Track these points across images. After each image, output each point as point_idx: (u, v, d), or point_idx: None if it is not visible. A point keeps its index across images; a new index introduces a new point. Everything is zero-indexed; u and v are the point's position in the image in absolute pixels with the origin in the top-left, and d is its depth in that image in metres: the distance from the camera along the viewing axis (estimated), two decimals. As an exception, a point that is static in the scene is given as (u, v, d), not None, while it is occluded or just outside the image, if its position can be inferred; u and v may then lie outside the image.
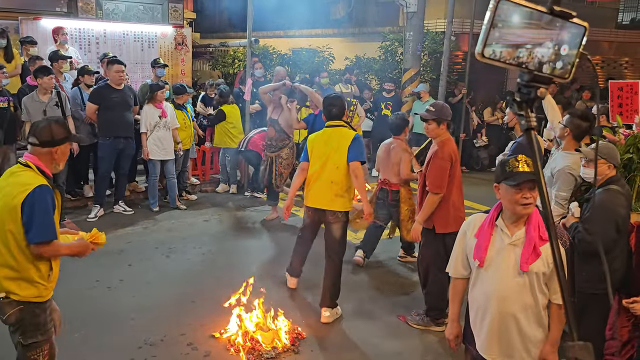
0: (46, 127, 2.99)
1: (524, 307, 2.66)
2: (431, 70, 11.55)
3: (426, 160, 4.60)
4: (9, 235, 2.81)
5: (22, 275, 2.86)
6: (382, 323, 4.75)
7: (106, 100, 7.02)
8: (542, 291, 2.64)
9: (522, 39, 1.13)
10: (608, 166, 3.60)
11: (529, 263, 2.60)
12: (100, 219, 7.15)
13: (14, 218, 2.80)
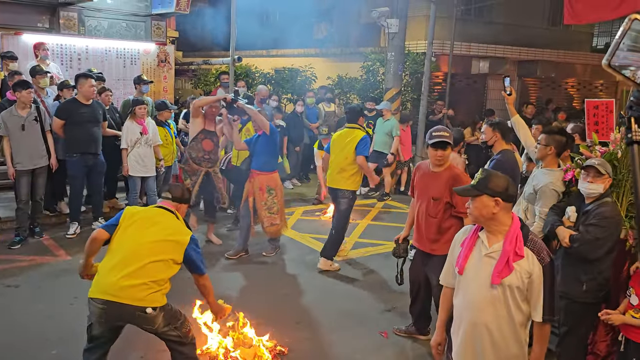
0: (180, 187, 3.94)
1: (497, 320, 2.68)
2: (412, 90, 11.71)
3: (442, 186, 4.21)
4: (170, 262, 3.52)
5: (162, 290, 3.53)
6: (364, 338, 4.74)
7: (73, 116, 6.90)
8: (518, 306, 2.65)
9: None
10: (608, 180, 3.72)
11: (501, 277, 2.63)
12: (79, 235, 7.05)
13: (179, 251, 3.54)
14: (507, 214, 2.70)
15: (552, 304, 2.59)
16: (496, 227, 2.70)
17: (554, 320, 2.66)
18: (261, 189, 6.35)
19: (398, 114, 10.43)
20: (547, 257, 2.60)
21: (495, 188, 2.68)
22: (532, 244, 2.63)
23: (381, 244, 7.38)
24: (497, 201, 2.66)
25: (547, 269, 2.59)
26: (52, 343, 4.38)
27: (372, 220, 8.64)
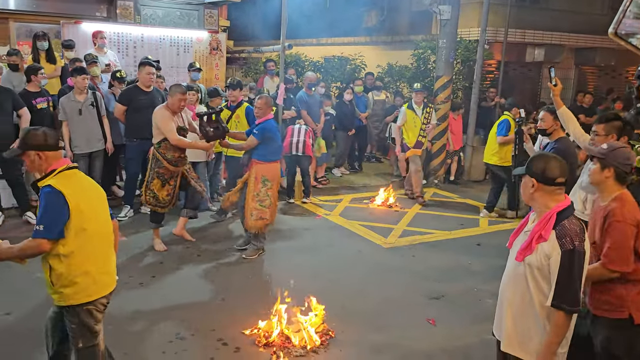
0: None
1: (517, 296, 2.75)
2: (464, 78, 11.46)
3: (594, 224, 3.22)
4: None
5: None
6: (411, 325, 4.71)
7: (134, 102, 7.09)
8: (539, 287, 2.65)
9: None
10: None
11: (524, 255, 2.71)
12: (131, 218, 7.26)
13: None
14: (547, 196, 2.69)
15: (564, 291, 2.54)
16: (537, 207, 2.74)
17: (566, 309, 2.55)
18: (256, 178, 5.94)
19: (449, 102, 10.24)
20: (569, 244, 2.54)
21: (534, 169, 2.71)
22: (560, 228, 2.60)
23: (429, 233, 7.29)
24: (534, 182, 2.70)
25: (565, 255, 2.54)
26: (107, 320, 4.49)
27: (421, 209, 8.53)
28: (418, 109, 8.63)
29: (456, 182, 10.36)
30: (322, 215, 7.85)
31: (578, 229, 2.61)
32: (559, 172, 2.68)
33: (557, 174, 2.68)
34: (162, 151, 5.84)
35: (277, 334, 4.28)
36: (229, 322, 4.55)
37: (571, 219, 2.64)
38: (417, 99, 8.68)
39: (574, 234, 2.57)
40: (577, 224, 2.63)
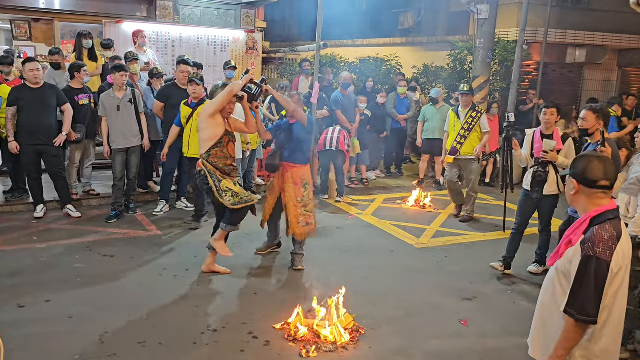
0: None
1: (545, 301, 2.68)
2: (501, 79, 11.30)
3: None
4: None
5: None
6: (443, 325, 4.67)
7: (171, 99, 7.24)
8: (565, 293, 2.51)
9: None
10: None
11: (554, 260, 2.63)
12: (167, 214, 7.40)
13: None
14: (588, 199, 2.55)
15: (575, 298, 2.42)
16: (580, 211, 2.62)
17: (575, 317, 2.42)
18: (296, 183, 5.58)
19: (485, 102, 10.11)
20: (590, 250, 2.39)
21: (575, 169, 2.59)
22: (589, 233, 2.46)
23: (462, 234, 7.21)
24: (574, 183, 2.57)
25: (584, 260, 2.41)
26: (143, 309, 4.63)
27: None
28: (462, 112, 7.79)
29: (491, 184, 10.21)
30: (355, 214, 7.84)
31: (607, 235, 2.42)
32: (602, 174, 2.50)
33: (599, 176, 2.50)
34: (212, 160, 5.08)
35: (307, 329, 4.30)
36: (260, 316, 4.59)
37: (605, 225, 2.46)
38: (463, 101, 7.81)
39: (598, 240, 2.41)
40: (609, 230, 2.44)
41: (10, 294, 4.78)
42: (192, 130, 6.64)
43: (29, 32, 11.85)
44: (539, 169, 5.54)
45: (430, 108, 9.67)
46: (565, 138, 5.55)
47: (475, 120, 7.62)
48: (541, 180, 5.55)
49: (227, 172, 5.16)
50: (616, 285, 2.45)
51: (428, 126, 9.60)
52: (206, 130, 5.07)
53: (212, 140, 5.06)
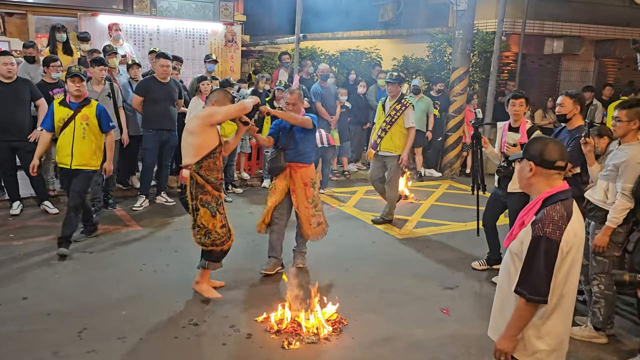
0: None
1: (503, 282, 2.67)
2: (481, 70, 11.34)
3: None
4: None
5: None
6: (425, 314, 4.68)
7: (151, 93, 7.14)
8: (517, 271, 2.53)
9: None
10: None
11: (509, 241, 2.65)
12: (147, 208, 7.31)
13: None
14: (544, 181, 2.55)
15: (526, 278, 2.43)
16: (532, 193, 2.61)
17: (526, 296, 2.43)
18: (306, 184, 5.33)
19: (465, 94, 10.14)
20: (539, 230, 2.41)
21: (532, 151, 2.57)
22: (540, 214, 2.47)
23: (444, 224, 7.25)
24: (531, 165, 2.55)
25: (534, 240, 2.42)
26: (122, 305, 4.57)
27: (436, 201, 8.49)
28: (388, 103, 6.97)
29: (472, 175, 10.25)
30: (336, 206, 7.83)
31: (558, 215, 2.43)
32: (559, 154, 2.52)
33: (556, 157, 2.52)
34: (203, 173, 4.46)
35: (288, 321, 4.27)
36: (241, 310, 4.55)
37: (555, 205, 2.46)
38: (389, 91, 7.01)
39: (548, 220, 2.42)
40: (559, 211, 2.44)
41: None
42: (75, 137, 5.54)
43: (3, 27, 11.59)
44: (503, 164, 5.26)
45: (410, 99, 9.66)
46: (532, 131, 5.26)
47: (399, 113, 6.84)
48: (502, 175, 5.27)
49: (217, 186, 4.56)
50: (567, 265, 2.46)
51: None
52: (200, 136, 4.41)
53: (206, 149, 4.43)
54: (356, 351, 4.04)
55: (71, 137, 5.54)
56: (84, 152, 5.60)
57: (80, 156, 5.58)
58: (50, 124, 5.61)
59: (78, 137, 5.55)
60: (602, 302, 4.32)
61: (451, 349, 4.14)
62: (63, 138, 5.57)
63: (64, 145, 5.59)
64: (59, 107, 5.59)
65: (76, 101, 5.60)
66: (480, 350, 4.08)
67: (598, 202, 4.31)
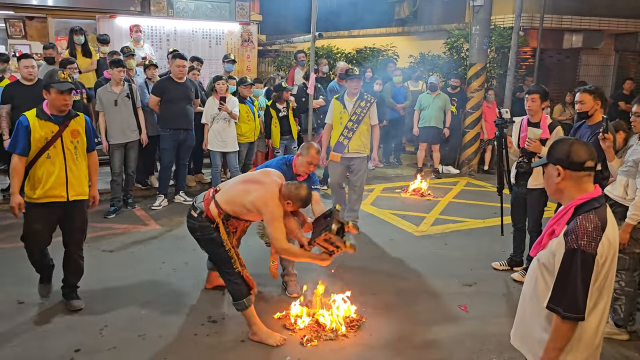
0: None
1: (528, 289, 2.52)
2: (498, 66, 11.24)
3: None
4: None
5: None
6: (442, 311, 4.67)
7: (167, 93, 7.20)
8: (546, 285, 2.37)
9: None
10: None
11: (537, 250, 2.47)
12: (165, 208, 7.38)
13: None
14: (575, 186, 2.38)
15: (560, 294, 2.26)
16: (563, 200, 2.44)
17: (561, 314, 2.26)
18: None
19: (482, 90, 10.06)
20: (573, 243, 2.24)
21: (557, 154, 2.38)
22: (572, 224, 2.29)
23: (462, 221, 7.21)
24: (559, 170, 2.37)
25: (568, 255, 2.25)
26: (142, 302, 4.63)
27: (454, 198, 8.44)
28: (349, 101, 6.50)
29: (490, 172, 10.19)
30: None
31: (592, 226, 2.25)
32: (587, 154, 2.33)
33: (585, 157, 2.33)
34: (227, 225, 4.11)
35: (306, 318, 4.29)
36: (260, 307, 4.54)
37: (589, 214, 2.28)
38: (351, 87, 6.52)
39: (582, 232, 2.24)
40: (593, 220, 2.26)
41: (9, 291, 4.77)
42: (67, 159, 4.27)
43: (24, 31, 11.78)
44: (522, 160, 5.20)
45: (427, 96, 9.66)
46: (553, 127, 5.14)
47: (365, 110, 6.48)
48: (523, 171, 5.18)
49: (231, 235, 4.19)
50: (601, 277, 2.30)
51: (424, 114, 9.61)
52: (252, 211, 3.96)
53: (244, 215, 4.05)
54: (374, 348, 4.04)
55: (62, 161, 4.21)
56: (80, 177, 4.35)
57: (77, 184, 4.33)
58: (25, 145, 4.12)
59: (70, 160, 4.26)
60: (623, 299, 4.27)
61: (469, 345, 4.12)
62: (48, 163, 4.17)
63: (52, 171, 4.19)
64: (39, 122, 4.14)
65: (61, 114, 4.21)
66: (498, 347, 4.06)
67: (617, 198, 4.25)
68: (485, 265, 5.70)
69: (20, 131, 4.13)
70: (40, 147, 4.15)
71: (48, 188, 4.20)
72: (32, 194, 4.22)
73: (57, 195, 4.24)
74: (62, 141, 4.22)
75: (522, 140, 5.18)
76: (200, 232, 4.09)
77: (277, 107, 8.14)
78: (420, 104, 9.69)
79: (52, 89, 4.11)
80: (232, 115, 7.38)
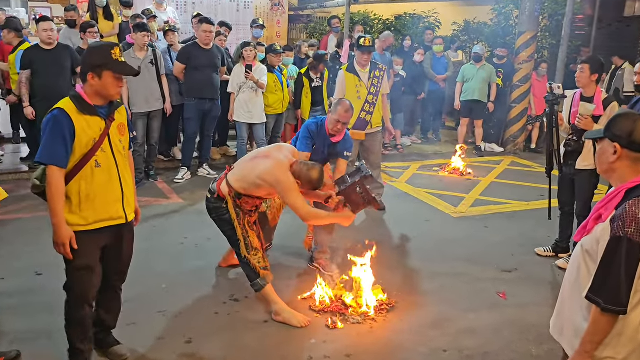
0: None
1: (570, 276, 2.46)
2: (551, 35, 10.96)
3: None
4: None
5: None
6: (479, 298, 4.65)
7: (193, 60, 7.24)
8: (589, 272, 2.31)
9: None
10: None
11: (581, 235, 2.40)
12: (188, 181, 7.50)
13: None
14: (630, 167, 2.29)
15: (601, 284, 2.20)
16: (615, 182, 2.36)
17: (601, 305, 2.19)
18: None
19: (532, 61, 9.84)
20: (619, 230, 2.16)
21: (617, 131, 2.28)
22: (620, 209, 2.21)
23: (505, 203, 7.13)
24: (616, 148, 2.28)
25: (612, 242, 2.18)
26: (163, 278, 4.74)
27: (497, 178, 8.34)
28: (362, 72, 6.42)
29: (538, 150, 10.01)
30: (388, 182, 7.79)
31: None
32: None
33: None
34: (240, 203, 4.21)
35: (333, 299, 4.33)
36: (284, 286, 4.63)
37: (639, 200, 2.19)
38: (361, 59, 6.42)
39: (630, 219, 2.16)
40: None
41: (27, 261, 4.93)
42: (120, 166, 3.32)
43: (45, -7, 12.01)
44: (572, 137, 5.07)
45: (471, 67, 9.50)
46: (609, 102, 4.98)
47: (380, 80, 6.45)
48: (572, 150, 5.06)
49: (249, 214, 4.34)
50: None
51: (467, 87, 9.46)
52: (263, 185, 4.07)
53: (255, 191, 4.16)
54: (404, 334, 4.06)
55: (114, 168, 3.26)
56: (131, 187, 3.45)
57: (131, 196, 3.43)
58: (66, 153, 3.07)
59: (122, 166, 3.33)
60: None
61: (507, 334, 4.11)
62: (99, 174, 3.19)
63: (105, 185, 3.23)
64: (85, 119, 3.12)
65: (104, 104, 3.23)
66: (538, 337, 4.03)
67: None
68: (527, 250, 5.64)
69: (57, 133, 3.03)
70: (86, 152, 3.12)
71: (102, 209, 3.23)
72: (77, 219, 3.17)
73: (114, 216, 3.30)
74: (110, 142, 3.21)
75: (573, 116, 5.05)
76: (215, 213, 4.30)
77: (311, 76, 8.13)
78: (463, 75, 9.54)
79: (107, 71, 3.10)
80: (259, 85, 7.39)
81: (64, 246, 3.13)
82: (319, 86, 8.19)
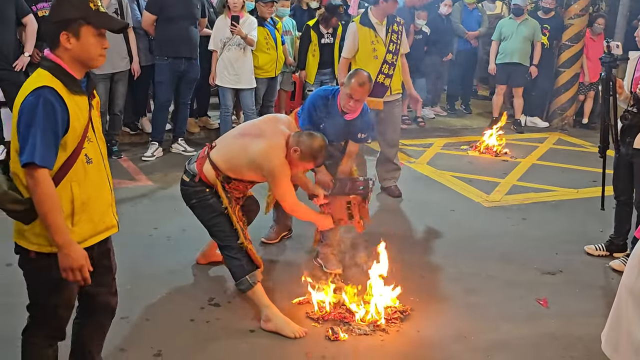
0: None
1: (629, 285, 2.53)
2: (609, -16, 10.91)
3: None
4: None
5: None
6: (515, 305, 4.68)
7: (166, 9, 7.20)
8: None
9: None
10: None
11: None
12: (159, 159, 7.54)
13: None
14: None
15: None
16: None
17: None
18: None
19: (586, 15, 9.79)
20: None
21: None
22: None
23: (549, 190, 7.20)
24: None
25: None
26: (127, 277, 4.71)
27: (539, 159, 8.37)
28: (379, 25, 6.31)
29: (591, 126, 10.00)
30: (405, 162, 7.79)
31: None
32: None
33: None
34: (229, 189, 4.35)
35: (335, 305, 4.36)
36: (274, 289, 4.65)
37: None
38: (376, 11, 6.31)
39: None
40: None
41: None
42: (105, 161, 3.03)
43: None
44: (632, 109, 4.99)
45: (509, 22, 9.47)
46: None
47: (400, 36, 6.42)
48: (631, 124, 4.97)
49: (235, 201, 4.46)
50: None
51: (505, 46, 9.42)
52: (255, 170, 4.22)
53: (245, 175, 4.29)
54: (422, 348, 4.10)
55: (102, 163, 2.94)
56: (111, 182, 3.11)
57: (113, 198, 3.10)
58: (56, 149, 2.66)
59: (106, 159, 3.04)
60: None
61: (547, 351, 4.14)
62: (93, 171, 2.85)
63: (99, 185, 2.91)
64: (73, 100, 2.71)
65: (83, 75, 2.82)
66: (585, 354, 4.06)
67: None
68: (575, 248, 5.66)
69: (50, 122, 2.60)
70: (76, 145, 2.75)
71: (99, 218, 2.92)
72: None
73: (109, 225, 3.03)
74: (93, 128, 2.85)
75: (635, 83, 5.03)
76: (196, 199, 4.34)
77: (321, 30, 8.11)
78: (500, 32, 9.50)
79: (87, 26, 2.70)
80: (248, 41, 7.35)
81: (80, 270, 2.72)
82: (330, 43, 8.17)
